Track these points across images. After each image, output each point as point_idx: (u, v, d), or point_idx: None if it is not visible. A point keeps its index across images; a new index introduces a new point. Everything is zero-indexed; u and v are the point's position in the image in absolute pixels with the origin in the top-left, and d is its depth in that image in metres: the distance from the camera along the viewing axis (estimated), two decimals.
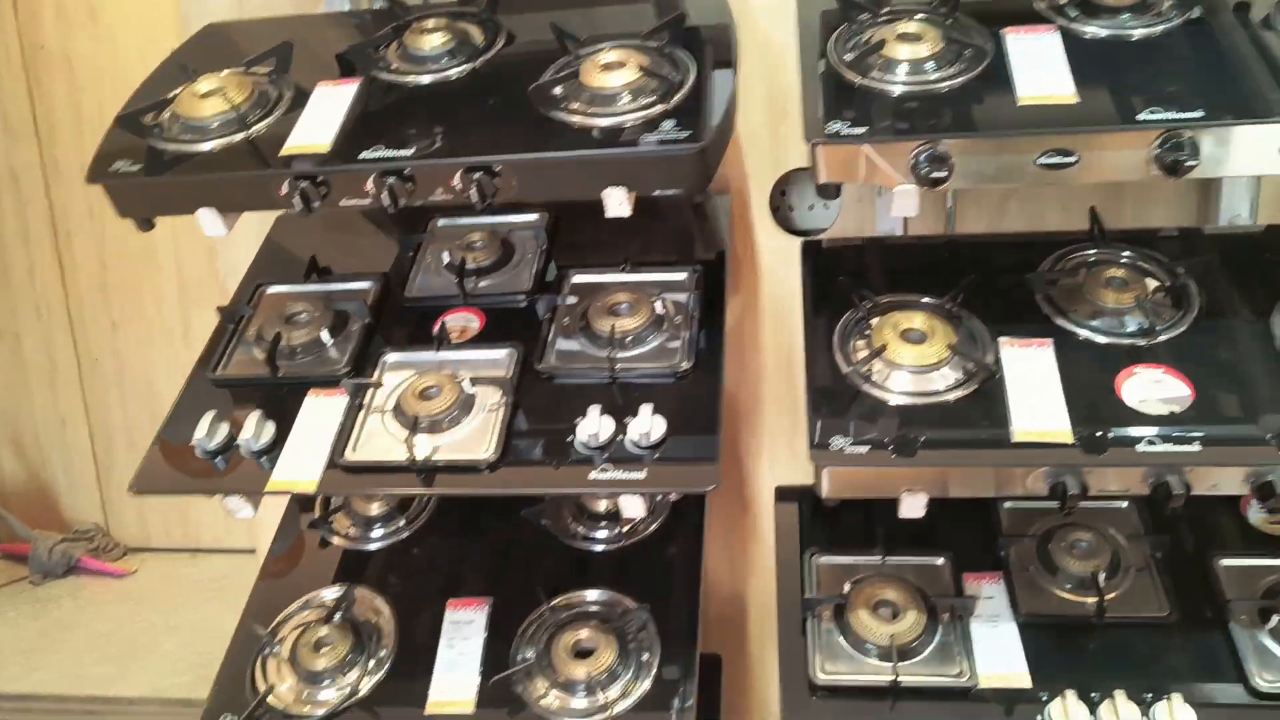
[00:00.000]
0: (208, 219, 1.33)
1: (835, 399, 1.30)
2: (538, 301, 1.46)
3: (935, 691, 1.34)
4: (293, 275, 1.59)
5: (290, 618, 1.52)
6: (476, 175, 1.24)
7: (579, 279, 1.51)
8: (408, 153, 1.25)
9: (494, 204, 1.26)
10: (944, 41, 1.29)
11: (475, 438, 1.30)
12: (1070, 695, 1.30)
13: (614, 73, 1.29)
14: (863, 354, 1.33)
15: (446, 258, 1.56)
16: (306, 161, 1.27)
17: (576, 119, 1.27)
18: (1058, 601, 1.42)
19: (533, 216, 1.62)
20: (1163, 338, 1.31)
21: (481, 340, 1.44)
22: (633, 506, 1.29)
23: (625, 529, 1.57)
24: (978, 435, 1.23)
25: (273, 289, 1.57)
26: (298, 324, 1.47)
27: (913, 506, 1.26)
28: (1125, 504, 1.53)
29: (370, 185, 1.26)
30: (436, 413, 1.31)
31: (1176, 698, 1.28)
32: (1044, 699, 1.31)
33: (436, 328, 1.45)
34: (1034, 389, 1.27)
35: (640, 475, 1.23)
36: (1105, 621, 1.38)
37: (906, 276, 1.45)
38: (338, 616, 1.48)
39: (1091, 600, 1.40)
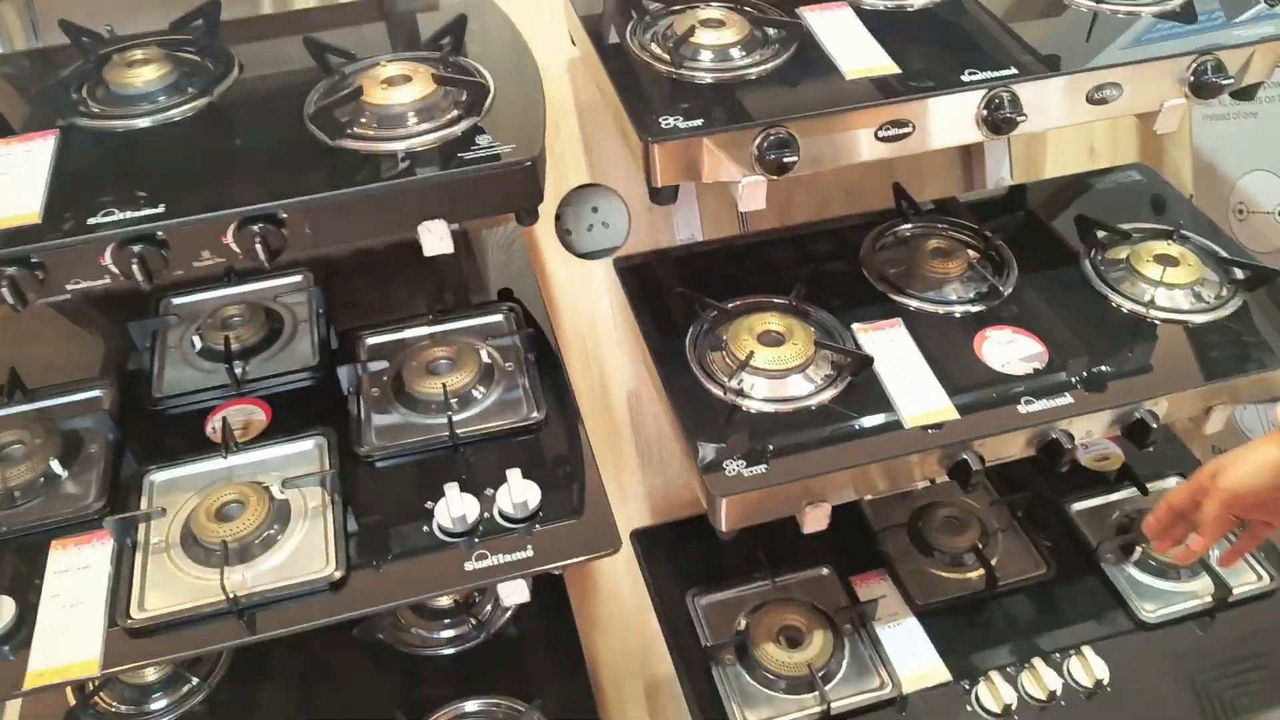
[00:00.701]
0: None
1: (711, 422, 1.16)
2: (336, 374, 1.20)
3: (864, 710, 1.25)
4: None
5: None
6: (257, 228, 0.98)
7: (375, 340, 1.27)
8: (157, 210, 0.97)
9: (278, 261, 1.01)
10: (749, 24, 1.21)
11: (304, 553, 1.03)
12: (995, 676, 1.25)
13: (403, 88, 1.08)
14: (727, 367, 1.21)
15: (199, 342, 1.26)
16: (11, 240, 0.95)
17: (369, 145, 1.05)
18: (946, 584, 1.38)
19: (295, 278, 1.35)
20: (999, 299, 1.31)
21: (274, 433, 1.16)
22: (516, 592, 1.08)
23: (477, 620, 1.34)
24: (869, 428, 1.15)
25: None
26: (12, 459, 1.11)
27: (817, 519, 1.16)
28: None
29: (109, 259, 0.96)
30: (245, 533, 1.03)
31: (1087, 650, 1.28)
32: (966, 687, 1.26)
33: (212, 428, 1.15)
34: (903, 371, 1.21)
35: (528, 554, 1.04)
36: (996, 592, 1.36)
37: (730, 281, 1.36)
38: None
39: (978, 574, 1.37)
